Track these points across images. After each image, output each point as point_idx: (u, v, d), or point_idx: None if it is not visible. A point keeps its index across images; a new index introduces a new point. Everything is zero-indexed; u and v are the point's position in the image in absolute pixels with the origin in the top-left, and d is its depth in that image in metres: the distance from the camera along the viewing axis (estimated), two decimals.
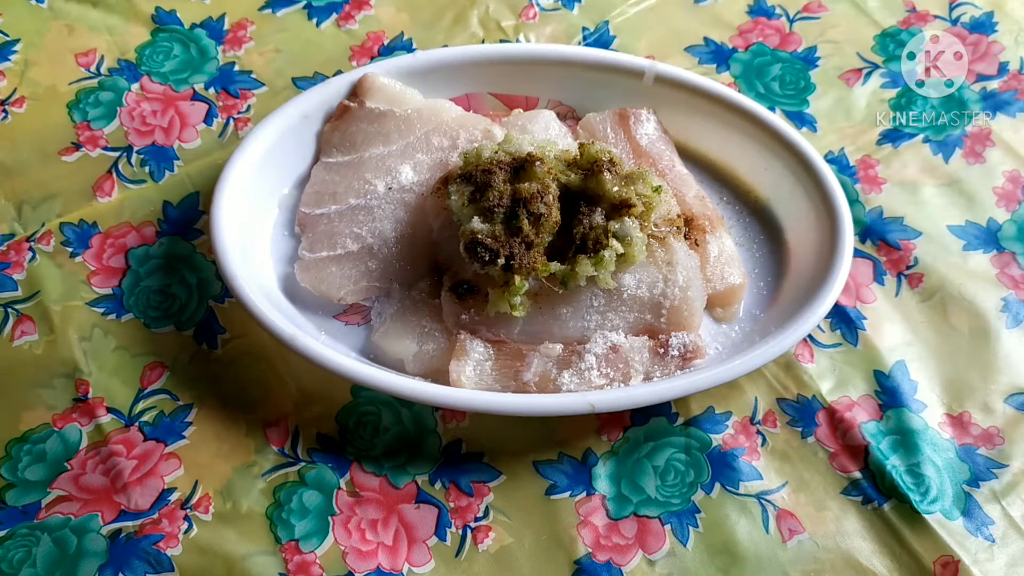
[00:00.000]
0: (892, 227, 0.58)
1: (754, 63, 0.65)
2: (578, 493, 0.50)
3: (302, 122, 0.57)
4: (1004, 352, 0.54)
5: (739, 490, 0.50)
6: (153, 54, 0.65)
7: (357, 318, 0.54)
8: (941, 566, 0.47)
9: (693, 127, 0.59)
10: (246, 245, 0.53)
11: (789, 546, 0.48)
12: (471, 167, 0.49)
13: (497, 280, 0.48)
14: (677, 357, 0.50)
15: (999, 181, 0.60)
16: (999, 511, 0.49)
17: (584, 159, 0.50)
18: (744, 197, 0.58)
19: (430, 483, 0.50)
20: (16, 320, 0.54)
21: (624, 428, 0.51)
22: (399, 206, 0.54)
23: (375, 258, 0.53)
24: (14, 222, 0.58)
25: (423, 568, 0.47)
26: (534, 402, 0.48)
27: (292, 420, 0.51)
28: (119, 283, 0.56)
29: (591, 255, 0.47)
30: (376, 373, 0.49)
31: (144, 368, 0.53)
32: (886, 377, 0.53)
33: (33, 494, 0.49)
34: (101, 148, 0.61)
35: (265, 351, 0.53)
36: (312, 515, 0.49)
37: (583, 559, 0.48)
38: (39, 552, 0.47)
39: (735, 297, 0.54)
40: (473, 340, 0.50)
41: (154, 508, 0.49)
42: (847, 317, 0.55)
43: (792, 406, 0.52)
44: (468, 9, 0.68)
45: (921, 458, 0.50)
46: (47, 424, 0.51)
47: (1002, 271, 0.57)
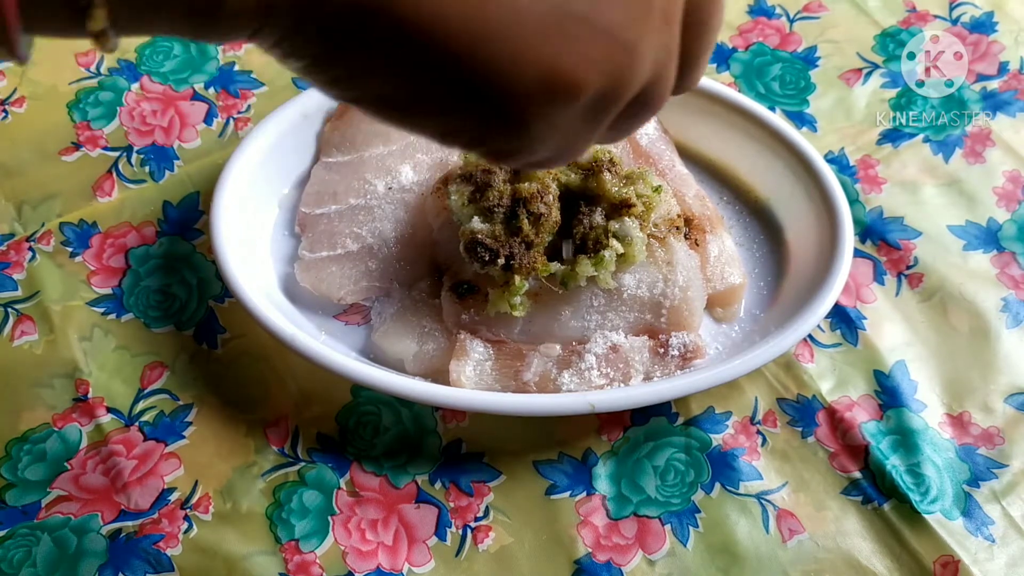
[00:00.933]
0: (892, 227, 0.58)
1: (754, 63, 0.65)
2: (578, 493, 0.50)
3: (302, 122, 0.57)
4: (1004, 352, 0.54)
5: (739, 490, 0.50)
6: (153, 54, 0.65)
7: (357, 318, 0.54)
8: (941, 566, 0.47)
9: (693, 127, 0.59)
10: (246, 245, 0.53)
11: (789, 546, 0.48)
12: (471, 167, 0.49)
13: (497, 280, 0.48)
14: (677, 357, 0.50)
15: (999, 181, 0.60)
16: (999, 511, 0.49)
17: (584, 159, 0.50)
18: (744, 197, 0.58)
19: (430, 483, 0.50)
20: (16, 320, 0.54)
21: (624, 428, 0.51)
22: (399, 206, 0.54)
23: (375, 258, 0.53)
24: (14, 222, 0.58)
25: (423, 568, 0.47)
26: (534, 402, 0.48)
27: (292, 420, 0.51)
28: (119, 283, 0.56)
29: (591, 255, 0.47)
30: (376, 373, 0.48)
31: (144, 368, 0.53)
32: (886, 377, 0.53)
33: (33, 494, 0.49)
34: (101, 148, 0.61)
35: (265, 351, 0.53)
36: (312, 515, 0.49)
37: (583, 559, 0.48)
38: (39, 552, 0.47)
39: (735, 297, 0.54)
40: (473, 340, 0.50)
41: (154, 508, 0.49)
42: (847, 317, 0.55)
43: (792, 406, 0.52)
44: None
45: (921, 458, 0.50)
46: (47, 424, 0.51)
47: (1002, 271, 0.57)
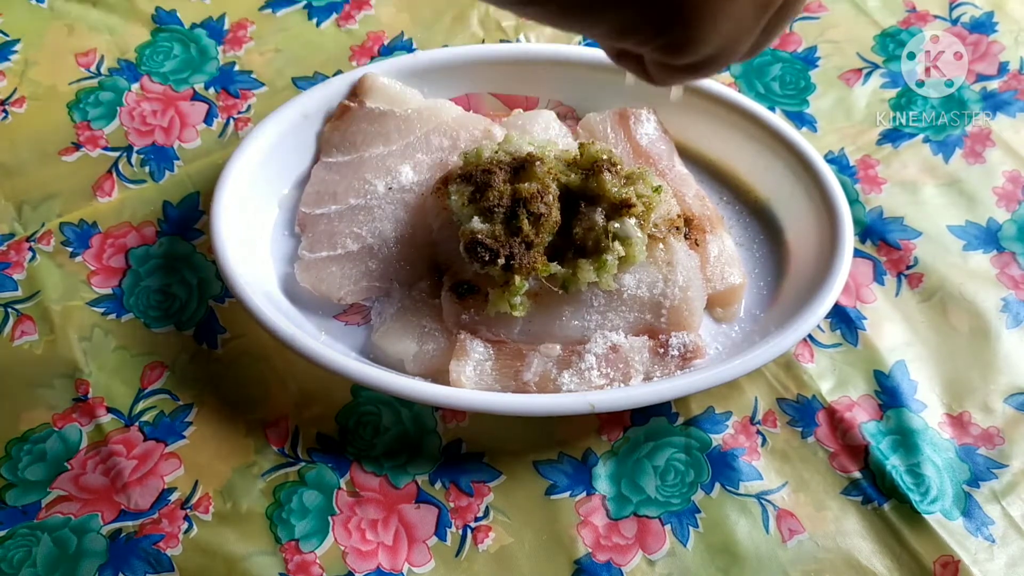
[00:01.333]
0: (892, 227, 0.58)
1: (754, 63, 0.65)
2: (578, 493, 0.50)
3: (302, 122, 0.57)
4: (1004, 352, 0.54)
5: (739, 490, 0.50)
6: (153, 54, 0.65)
7: (357, 318, 0.54)
8: (941, 566, 0.47)
9: (693, 127, 0.59)
10: (246, 245, 0.53)
11: (789, 546, 0.48)
12: (471, 167, 0.49)
13: (497, 280, 0.48)
14: (677, 357, 0.50)
15: (999, 181, 0.60)
16: (999, 511, 0.49)
17: (584, 159, 0.50)
18: (744, 197, 0.58)
19: (430, 483, 0.50)
20: (16, 320, 0.54)
21: (624, 428, 0.51)
22: (399, 206, 0.54)
23: (375, 258, 0.53)
24: (14, 222, 0.58)
25: (423, 568, 0.48)
26: (534, 402, 0.48)
27: (292, 420, 0.51)
28: (119, 283, 0.56)
29: (592, 257, 0.47)
30: (376, 373, 0.49)
31: (144, 368, 0.53)
32: (886, 377, 0.53)
33: (33, 494, 0.49)
34: (101, 148, 0.61)
35: (265, 351, 0.53)
36: (312, 515, 0.49)
37: (583, 559, 0.48)
38: (39, 552, 0.47)
39: (735, 297, 0.54)
40: (473, 340, 0.50)
41: (154, 508, 0.49)
42: (847, 317, 0.55)
43: (792, 406, 0.52)
44: (468, 9, 0.68)
45: (921, 458, 0.50)
46: (47, 424, 0.51)
47: (1002, 271, 0.57)
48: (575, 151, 0.51)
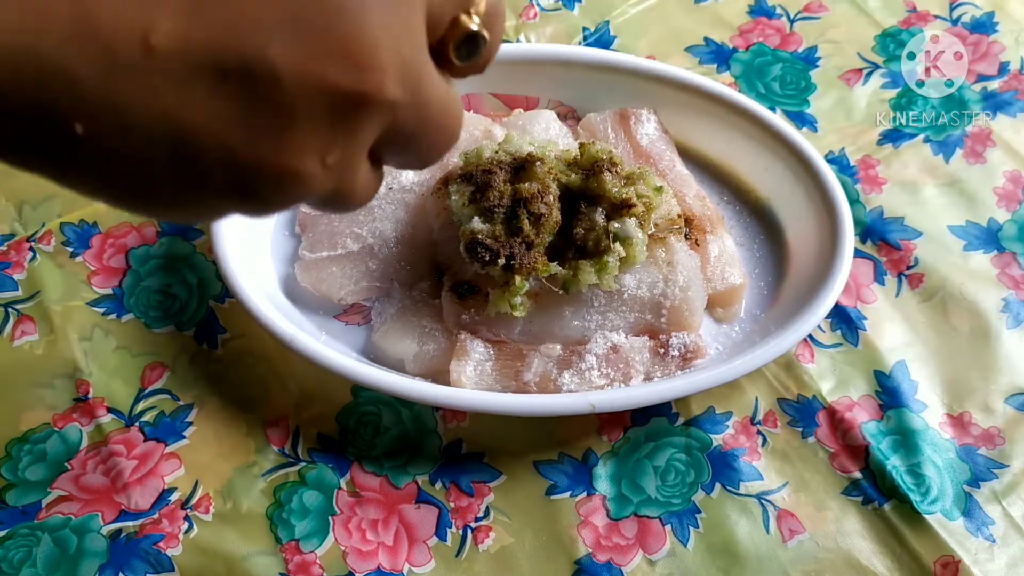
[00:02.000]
0: (892, 227, 0.58)
1: (755, 63, 0.65)
2: (578, 493, 0.50)
3: None
4: (1004, 352, 0.54)
5: (739, 490, 0.50)
6: None
7: (357, 318, 0.54)
8: (941, 566, 0.47)
9: (693, 127, 0.59)
10: (246, 245, 0.53)
11: (789, 546, 0.48)
12: (471, 167, 0.49)
13: (497, 280, 0.48)
14: (677, 357, 0.50)
15: (999, 181, 0.60)
16: (999, 511, 0.49)
17: (585, 159, 0.50)
18: (744, 197, 0.58)
19: (430, 483, 0.50)
20: (16, 320, 0.54)
21: (624, 428, 0.51)
22: (399, 206, 0.54)
23: (375, 258, 0.53)
24: (14, 222, 0.58)
25: (423, 568, 0.47)
26: (534, 402, 0.48)
27: (292, 420, 0.51)
28: (119, 283, 0.56)
29: (592, 258, 0.47)
30: (376, 373, 0.49)
31: (144, 368, 0.53)
32: (886, 377, 0.53)
33: (33, 494, 0.49)
34: None
35: (265, 351, 0.53)
36: (312, 515, 0.49)
37: (583, 559, 0.48)
38: (39, 552, 0.47)
39: (735, 297, 0.54)
40: (473, 340, 0.50)
41: (154, 508, 0.49)
42: (847, 317, 0.55)
43: (792, 406, 0.52)
44: None
45: (922, 458, 0.50)
46: (47, 424, 0.51)
47: (1003, 271, 0.57)
48: (575, 151, 0.51)
